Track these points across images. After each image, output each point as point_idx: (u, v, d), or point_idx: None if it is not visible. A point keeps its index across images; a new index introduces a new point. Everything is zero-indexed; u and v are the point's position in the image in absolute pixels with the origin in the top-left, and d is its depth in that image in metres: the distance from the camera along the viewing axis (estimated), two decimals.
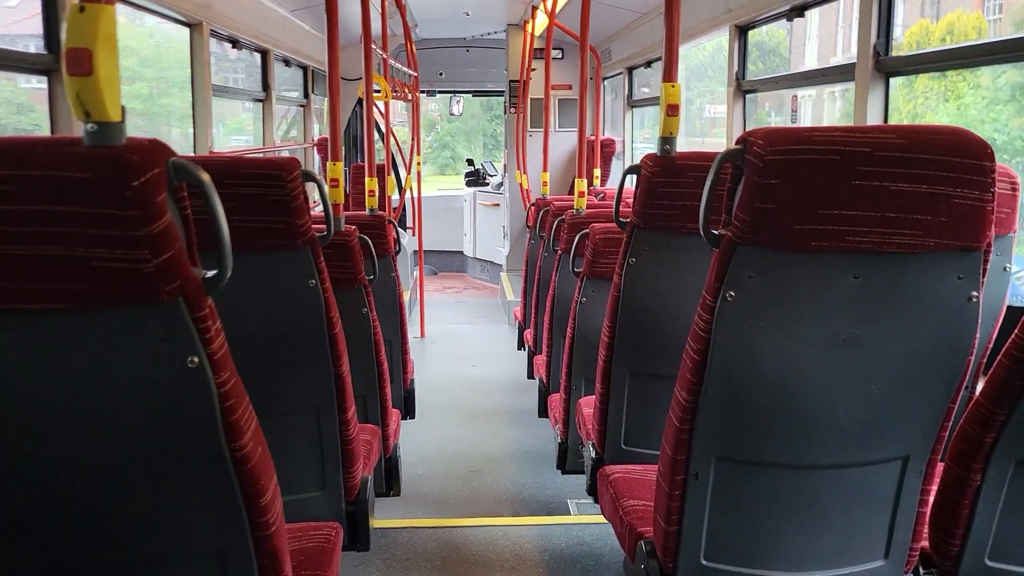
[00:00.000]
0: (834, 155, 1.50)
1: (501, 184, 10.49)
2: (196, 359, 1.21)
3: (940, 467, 1.79)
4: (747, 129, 4.73)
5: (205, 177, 1.21)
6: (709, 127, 9.15)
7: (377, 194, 4.34)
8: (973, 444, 1.70)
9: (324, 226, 2.45)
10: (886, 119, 3.22)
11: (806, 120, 6.44)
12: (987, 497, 1.71)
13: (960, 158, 1.51)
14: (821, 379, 1.66)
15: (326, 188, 2.51)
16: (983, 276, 1.61)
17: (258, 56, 5.89)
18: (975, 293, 1.60)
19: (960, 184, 1.52)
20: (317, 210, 3.30)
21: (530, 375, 5.01)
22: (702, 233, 1.65)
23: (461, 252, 11.58)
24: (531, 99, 8.43)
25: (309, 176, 2.20)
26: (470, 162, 11.89)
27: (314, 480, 2.33)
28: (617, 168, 8.67)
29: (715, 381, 1.66)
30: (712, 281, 1.62)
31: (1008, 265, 2.36)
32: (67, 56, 1.09)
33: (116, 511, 1.34)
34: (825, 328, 1.61)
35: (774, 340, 1.63)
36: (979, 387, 2.00)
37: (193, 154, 4.55)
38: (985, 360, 2.44)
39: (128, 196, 1.10)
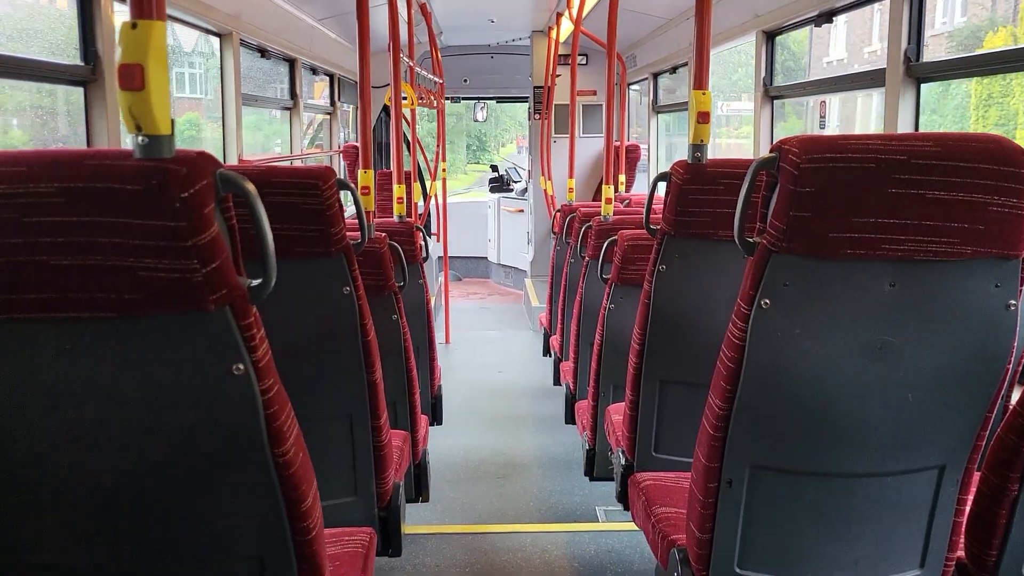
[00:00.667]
0: (870, 163, 1.50)
1: (525, 190, 10.51)
2: (242, 366, 1.24)
3: (976, 476, 1.78)
4: (774, 135, 4.73)
5: (251, 188, 1.23)
6: (723, 124, 9.10)
7: (405, 201, 4.37)
8: (1011, 453, 1.68)
9: (357, 233, 2.48)
10: (917, 126, 3.20)
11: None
12: None
13: (996, 165, 1.50)
14: (856, 387, 1.65)
15: (360, 197, 2.54)
16: (1021, 284, 1.60)
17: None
18: (1013, 301, 1.59)
19: (997, 192, 1.51)
20: (348, 216, 3.33)
21: (556, 381, 5.01)
22: (737, 241, 1.65)
23: (485, 258, 11.61)
24: (555, 105, 8.44)
25: (343, 185, 2.23)
26: (494, 168, 11.93)
27: (348, 485, 2.35)
28: (642, 174, 8.67)
29: (749, 389, 1.66)
30: (747, 289, 1.62)
31: None
32: (120, 71, 1.12)
33: (159, 515, 1.37)
34: (861, 336, 1.61)
35: (809, 348, 1.63)
36: (1015, 395, 1.99)
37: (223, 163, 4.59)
38: (1021, 368, 2.42)
39: (178, 207, 1.13)
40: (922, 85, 3.18)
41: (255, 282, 1.26)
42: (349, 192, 2.46)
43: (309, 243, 2.10)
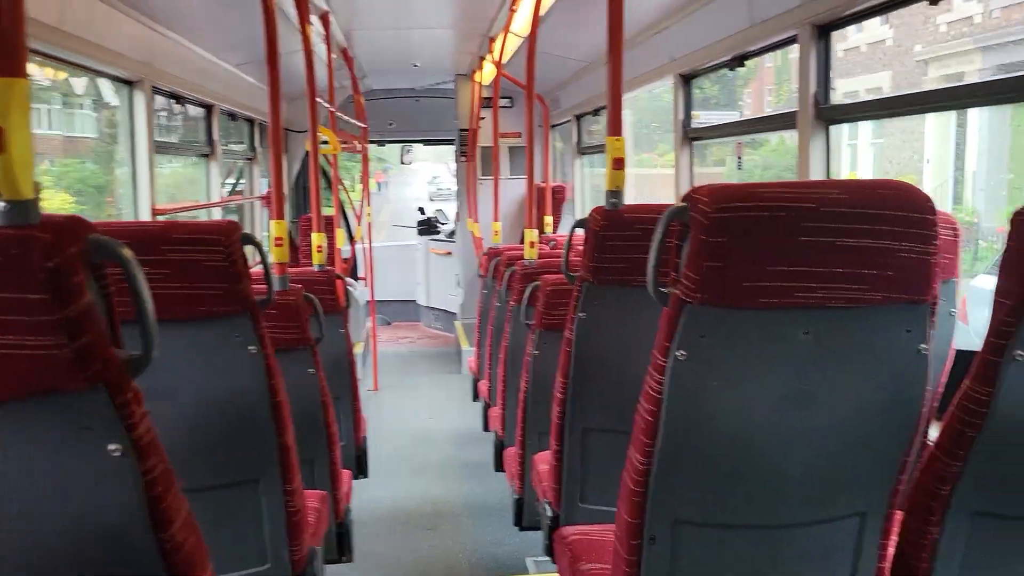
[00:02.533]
0: (780, 212, 1.49)
1: (453, 232, 10.48)
2: (119, 447, 1.14)
3: (898, 521, 1.77)
4: (694, 175, 4.79)
5: (128, 254, 1.15)
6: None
7: (325, 248, 4.27)
8: (929, 497, 1.68)
9: (267, 286, 2.39)
10: (828, 166, 3.26)
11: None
12: (945, 551, 1.69)
13: (903, 212, 1.51)
14: (775, 437, 1.63)
15: (267, 252, 2.45)
16: (931, 328, 1.60)
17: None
18: (924, 345, 1.59)
19: (904, 238, 1.52)
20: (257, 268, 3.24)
21: (485, 427, 4.94)
22: (651, 291, 1.63)
23: (414, 301, 11.50)
24: (481, 147, 8.46)
25: (249, 239, 2.14)
26: (421, 210, 11.86)
27: (259, 555, 2.23)
28: (569, 214, 8.71)
29: (669, 442, 1.63)
30: (662, 340, 1.59)
31: (953, 310, 2.39)
32: None
33: None
34: (777, 385, 1.59)
35: (727, 399, 1.60)
36: (932, 432, 1.99)
37: (135, 215, 4.45)
38: (937, 404, 2.44)
39: (41, 278, 1.04)
40: (831, 127, 3.25)
41: (134, 355, 1.17)
42: (256, 247, 2.38)
43: (212, 302, 2.00)
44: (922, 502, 1.69)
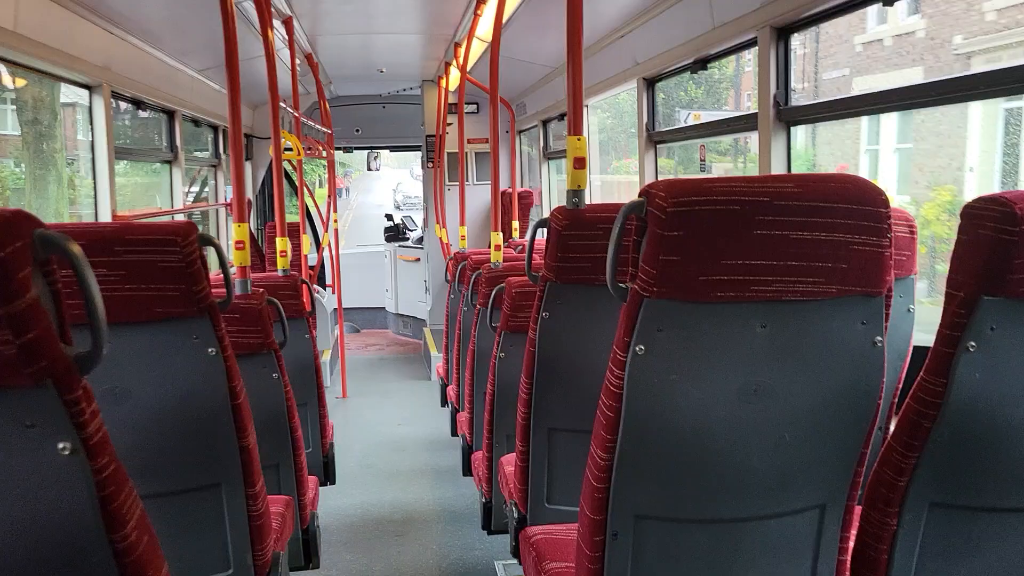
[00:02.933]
0: (734, 205, 1.50)
1: (421, 239, 10.46)
2: (68, 445, 1.12)
3: (858, 514, 1.79)
4: (658, 177, 4.83)
5: (75, 249, 1.13)
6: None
7: (289, 253, 4.24)
8: (887, 488, 1.70)
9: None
10: (789, 166, 3.30)
11: None
12: (904, 542, 1.71)
13: (856, 205, 1.53)
14: (733, 430, 1.64)
15: (225, 253, 2.43)
16: (886, 320, 1.62)
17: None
18: (879, 338, 1.61)
19: (857, 231, 1.53)
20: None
21: (454, 432, 4.92)
22: (609, 286, 1.63)
23: (383, 308, 11.45)
24: (448, 153, 8.45)
25: (207, 240, 2.12)
26: (389, 217, 11.82)
27: (221, 560, 2.19)
28: (536, 219, 8.73)
29: (629, 437, 1.63)
30: (621, 335, 1.60)
31: (911, 306, 2.42)
32: None
33: None
34: (735, 379, 1.60)
35: (686, 393, 1.61)
36: (892, 427, 2.02)
37: (96, 219, 4.38)
38: (896, 400, 2.47)
39: None
40: (792, 128, 3.29)
41: (82, 351, 1.15)
42: (214, 247, 2.35)
43: (169, 303, 1.97)
44: (880, 494, 1.71)
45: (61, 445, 1.12)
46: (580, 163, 2.35)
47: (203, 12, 4.70)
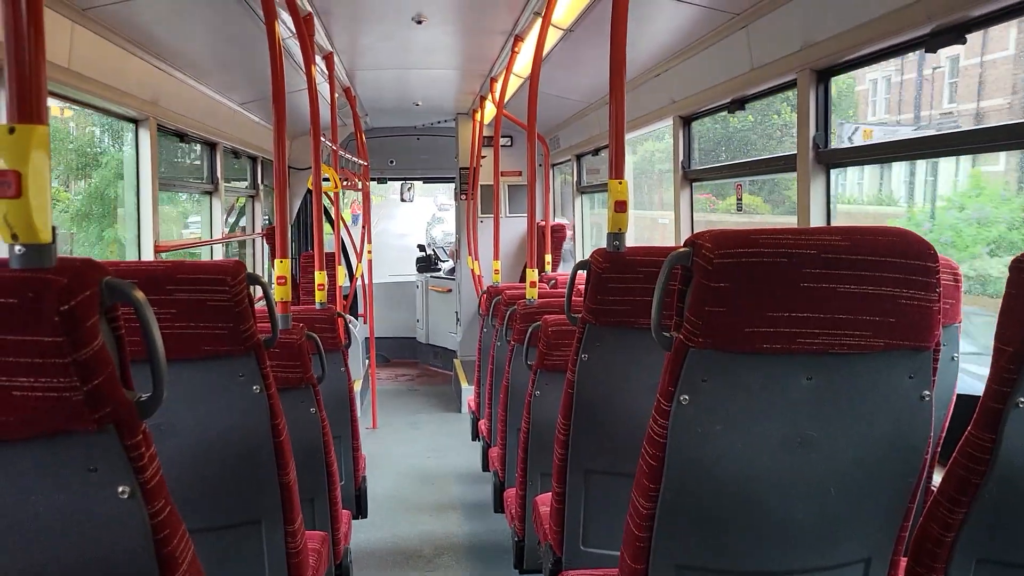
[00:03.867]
0: (781, 258, 1.51)
1: (453, 270, 10.50)
2: (127, 489, 1.14)
3: (903, 567, 1.76)
4: (693, 216, 4.82)
5: (140, 297, 1.16)
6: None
7: (327, 286, 4.29)
8: (934, 543, 1.67)
9: (269, 324, 2.40)
10: (828, 209, 3.29)
11: None
12: None
13: (904, 259, 1.53)
14: (779, 483, 1.63)
15: (271, 292, 2.46)
16: (934, 374, 1.61)
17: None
18: (927, 392, 1.60)
19: (906, 285, 1.53)
20: (261, 304, 3.24)
21: (485, 467, 4.91)
22: (654, 335, 1.64)
23: (414, 338, 11.48)
24: (481, 185, 8.51)
25: (254, 279, 2.15)
26: (421, 247, 11.90)
27: None
28: (569, 253, 8.75)
29: (672, 487, 1.62)
30: (666, 384, 1.60)
31: (956, 355, 2.39)
32: None
33: None
34: (780, 430, 1.59)
35: (730, 443, 1.60)
36: (935, 477, 1.99)
37: (138, 249, 4.47)
38: (939, 449, 2.44)
39: (57, 321, 1.05)
40: (832, 170, 3.28)
41: (143, 396, 1.18)
42: (260, 286, 2.39)
43: (217, 341, 2.01)
44: (927, 548, 1.68)
45: (121, 489, 1.14)
46: (621, 206, 2.37)
47: (246, 48, 4.81)
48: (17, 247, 1.06)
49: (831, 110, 3.24)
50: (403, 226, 26.23)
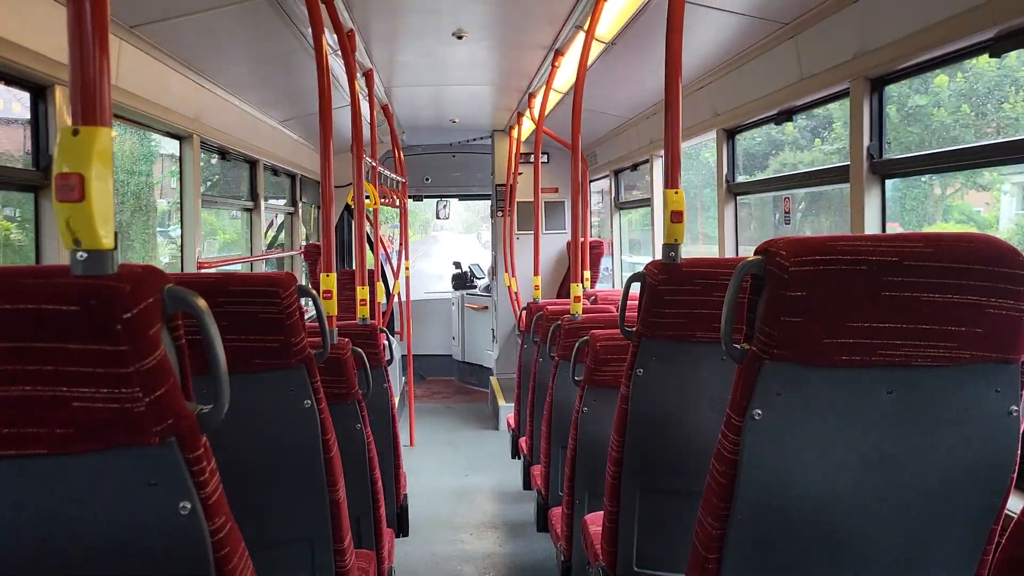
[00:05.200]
0: (861, 265, 1.44)
1: (489, 287, 10.47)
2: (188, 504, 1.10)
3: None
4: (738, 232, 4.74)
5: (202, 305, 1.12)
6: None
7: (368, 302, 4.26)
8: (1017, 566, 1.58)
9: (318, 339, 2.36)
10: (883, 221, 3.20)
11: None
12: None
13: (992, 266, 1.45)
14: (856, 500, 1.55)
15: (321, 304, 2.43)
16: (1023, 388, 1.53)
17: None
18: (1015, 407, 1.52)
19: (993, 294, 1.45)
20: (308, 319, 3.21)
21: (526, 485, 4.83)
22: (724, 347, 1.57)
23: (449, 356, 11.46)
24: (518, 203, 8.48)
25: (305, 292, 2.12)
26: (457, 265, 11.89)
27: None
28: (607, 269, 8.67)
29: (744, 505, 1.55)
30: (737, 399, 1.53)
31: None
32: (57, 181, 1.01)
33: None
34: (859, 446, 1.52)
35: (805, 460, 1.53)
36: (1013, 502, 1.90)
37: (181, 266, 4.48)
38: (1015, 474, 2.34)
39: (119, 329, 1.01)
40: (887, 181, 3.19)
41: (205, 408, 1.14)
42: (311, 298, 2.35)
43: (268, 354, 1.97)
44: (1008, 572, 1.60)
45: (182, 504, 1.10)
46: (678, 216, 2.31)
47: (287, 65, 4.83)
48: (79, 253, 1.03)
49: (886, 119, 3.16)
50: (439, 266, 17.67)
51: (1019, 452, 1.57)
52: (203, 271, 4.36)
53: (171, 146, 4.58)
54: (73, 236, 1.03)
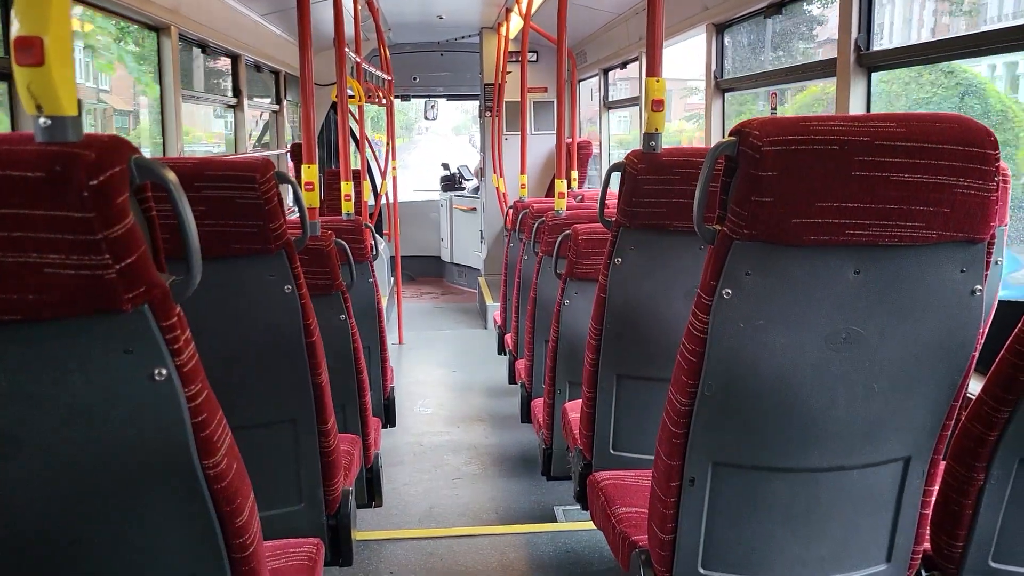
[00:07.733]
0: (833, 145, 1.44)
1: (477, 188, 10.42)
2: (163, 371, 1.13)
3: (942, 467, 1.74)
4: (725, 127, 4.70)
5: (171, 176, 1.13)
6: None
7: (353, 198, 4.25)
8: (976, 442, 1.65)
9: (299, 230, 2.37)
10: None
11: None
12: (990, 497, 1.66)
13: (962, 146, 1.46)
14: (821, 378, 1.60)
15: (300, 190, 2.43)
16: (987, 268, 1.56)
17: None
18: (979, 287, 1.55)
19: (963, 174, 1.46)
20: (291, 216, 3.21)
21: (511, 380, 4.94)
22: (696, 228, 1.58)
23: (438, 257, 11.49)
24: (506, 102, 8.37)
25: (283, 178, 2.12)
26: (445, 166, 11.79)
27: (293, 494, 2.24)
28: (595, 169, 8.63)
29: (712, 382, 1.60)
30: (707, 278, 1.56)
31: (1000, 259, 2.33)
32: (16, 44, 1.00)
33: (80, 535, 1.25)
34: (825, 325, 1.55)
35: (773, 338, 1.57)
36: (969, 383, 1.96)
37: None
38: (976, 355, 2.40)
39: (86, 196, 1.02)
40: (873, 74, 3.16)
41: (178, 279, 1.15)
42: (290, 185, 2.35)
43: (247, 239, 1.98)
44: (968, 447, 1.66)
45: (157, 371, 1.13)
46: (659, 105, 2.29)
47: None
48: (42, 119, 1.03)
49: (875, 9, 3.10)
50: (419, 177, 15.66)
51: (981, 331, 1.62)
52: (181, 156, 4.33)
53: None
54: (36, 102, 1.02)
